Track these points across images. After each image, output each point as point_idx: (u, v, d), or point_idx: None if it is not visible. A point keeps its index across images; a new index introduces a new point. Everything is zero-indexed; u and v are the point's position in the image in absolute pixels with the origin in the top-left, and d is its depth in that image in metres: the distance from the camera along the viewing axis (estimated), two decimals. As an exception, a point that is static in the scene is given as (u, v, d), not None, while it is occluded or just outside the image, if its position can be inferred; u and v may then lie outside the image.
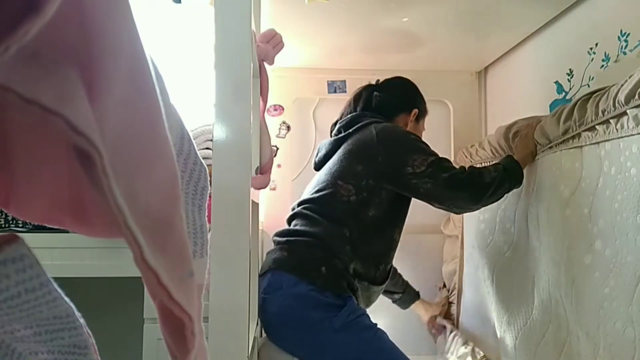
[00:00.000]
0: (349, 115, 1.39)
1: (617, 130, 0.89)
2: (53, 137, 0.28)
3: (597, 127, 0.95)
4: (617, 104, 0.88)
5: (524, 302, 1.24)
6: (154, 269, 0.25)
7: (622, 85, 0.87)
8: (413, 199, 1.30)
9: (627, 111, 0.85)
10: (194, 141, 0.38)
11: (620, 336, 0.85)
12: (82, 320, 0.29)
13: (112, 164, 0.22)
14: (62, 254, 1.26)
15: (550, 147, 1.15)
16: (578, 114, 1.00)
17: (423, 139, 1.32)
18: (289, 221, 1.34)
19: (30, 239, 0.25)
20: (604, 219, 0.92)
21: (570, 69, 1.38)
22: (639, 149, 0.83)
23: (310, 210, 1.26)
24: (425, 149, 1.23)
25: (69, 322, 0.28)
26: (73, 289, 0.36)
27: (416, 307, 1.72)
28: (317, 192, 1.28)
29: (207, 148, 1.40)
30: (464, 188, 1.17)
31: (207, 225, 0.40)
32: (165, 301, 0.27)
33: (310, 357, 1.19)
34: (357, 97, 1.47)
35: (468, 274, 1.70)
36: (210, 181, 0.48)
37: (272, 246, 1.33)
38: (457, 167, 1.22)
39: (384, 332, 1.20)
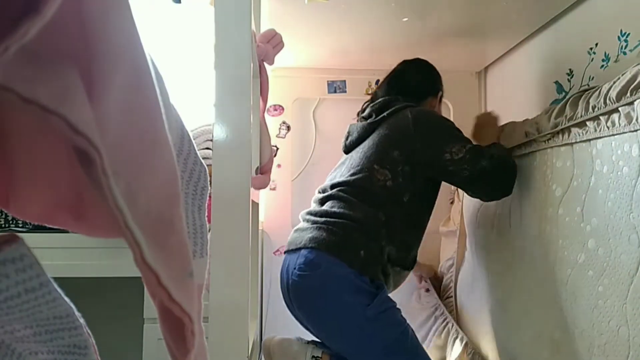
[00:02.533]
0: (381, 99, 1.39)
1: (607, 128, 0.88)
2: (53, 137, 0.28)
3: (587, 123, 0.94)
4: (607, 101, 0.87)
5: (520, 300, 1.24)
6: (153, 269, 0.25)
7: (614, 82, 0.86)
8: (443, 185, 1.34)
9: (619, 109, 0.85)
10: (194, 141, 0.38)
11: (615, 335, 0.85)
12: (82, 320, 0.29)
13: (112, 164, 0.22)
14: (62, 254, 1.26)
15: (541, 141, 1.14)
16: (570, 110, 0.99)
17: None
18: (322, 202, 1.33)
19: (30, 239, 0.25)
20: (597, 218, 0.92)
21: (570, 69, 1.38)
22: (630, 147, 0.83)
23: (347, 193, 1.27)
24: (461, 136, 1.26)
25: (69, 322, 0.28)
26: (73, 289, 0.36)
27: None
28: (352, 175, 1.28)
29: (207, 148, 1.40)
30: (499, 178, 1.20)
31: (207, 225, 0.40)
32: (165, 301, 0.27)
33: (332, 339, 1.22)
34: (387, 80, 1.47)
35: (464, 270, 1.70)
36: (210, 181, 0.48)
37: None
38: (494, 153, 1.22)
39: (411, 329, 1.22)
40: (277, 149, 1.99)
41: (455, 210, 1.83)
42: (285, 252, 1.29)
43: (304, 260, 1.19)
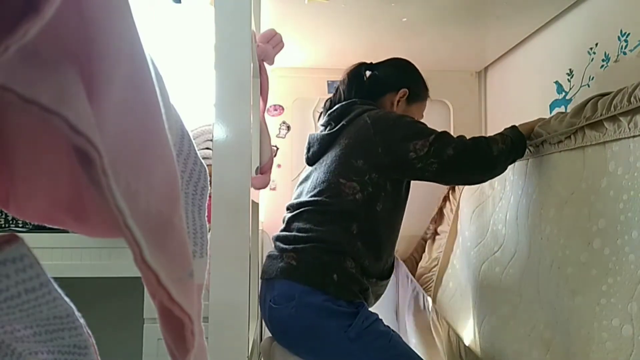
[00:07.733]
0: (337, 106, 1.30)
1: (629, 129, 0.87)
2: (53, 137, 0.28)
3: (606, 125, 0.93)
4: (632, 99, 0.85)
5: (510, 301, 1.24)
6: (153, 269, 0.25)
7: None
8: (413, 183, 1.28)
9: None
10: (194, 141, 0.38)
11: (617, 333, 0.85)
12: (82, 320, 0.29)
13: (112, 164, 0.22)
14: (62, 254, 1.26)
15: (550, 144, 1.13)
16: (590, 110, 0.97)
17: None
18: (290, 222, 1.27)
19: (30, 239, 0.25)
20: (606, 218, 0.92)
21: (570, 69, 1.38)
22: None
23: (314, 212, 1.21)
24: (423, 130, 1.17)
25: (69, 322, 0.28)
26: (73, 289, 0.36)
27: None
28: (318, 193, 1.21)
29: (207, 148, 1.40)
30: (470, 162, 1.14)
31: (207, 225, 0.40)
32: (165, 301, 0.27)
33: None
34: (348, 77, 1.37)
35: (449, 274, 1.70)
36: (210, 181, 0.48)
37: (272, 246, 1.31)
38: (461, 138, 1.16)
39: (399, 336, 1.18)
40: (277, 149, 1.99)
41: (449, 208, 1.82)
42: (261, 279, 1.25)
43: (278, 292, 1.16)
